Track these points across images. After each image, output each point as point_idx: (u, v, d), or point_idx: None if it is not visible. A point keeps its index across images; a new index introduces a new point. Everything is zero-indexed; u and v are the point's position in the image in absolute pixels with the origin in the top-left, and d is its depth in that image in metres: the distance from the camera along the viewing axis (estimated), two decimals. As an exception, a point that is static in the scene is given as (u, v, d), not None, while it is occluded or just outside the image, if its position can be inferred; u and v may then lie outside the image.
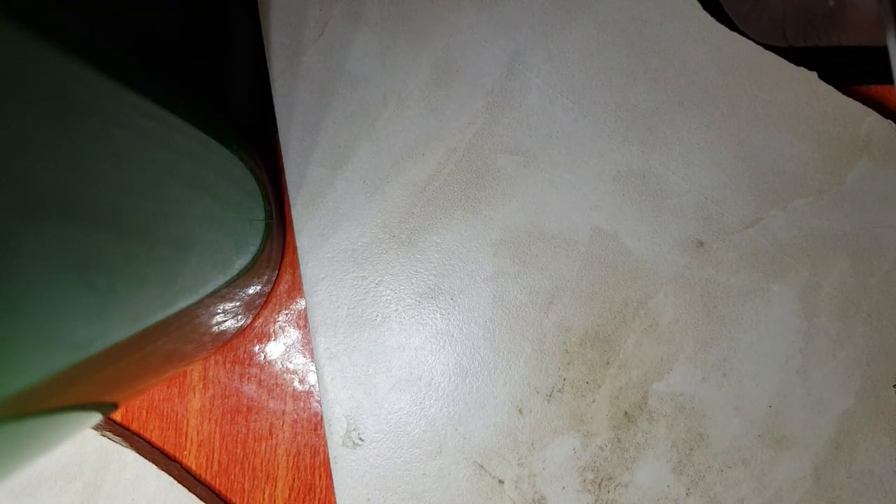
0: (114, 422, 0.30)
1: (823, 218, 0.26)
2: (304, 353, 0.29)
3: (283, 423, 0.29)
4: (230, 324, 0.28)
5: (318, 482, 0.29)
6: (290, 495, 0.29)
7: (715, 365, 0.26)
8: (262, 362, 0.30)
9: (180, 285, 0.22)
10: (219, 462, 0.29)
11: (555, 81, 0.27)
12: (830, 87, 0.26)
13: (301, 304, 0.29)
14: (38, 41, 0.16)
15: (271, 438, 0.29)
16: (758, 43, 0.26)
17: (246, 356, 0.30)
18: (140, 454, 0.29)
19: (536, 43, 0.27)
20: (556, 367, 0.27)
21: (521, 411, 0.27)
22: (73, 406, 0.20)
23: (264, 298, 0.29)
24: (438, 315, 0.27)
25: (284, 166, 0.28)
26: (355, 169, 0.27)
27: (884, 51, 0.21)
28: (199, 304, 0.23)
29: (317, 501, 0.29)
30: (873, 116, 0.26)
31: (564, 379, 0.27)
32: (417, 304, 0.27)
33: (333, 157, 0.28)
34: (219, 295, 0.24)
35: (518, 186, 0.27)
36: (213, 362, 0.30)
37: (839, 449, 0.25)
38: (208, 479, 0.29)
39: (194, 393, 0.30)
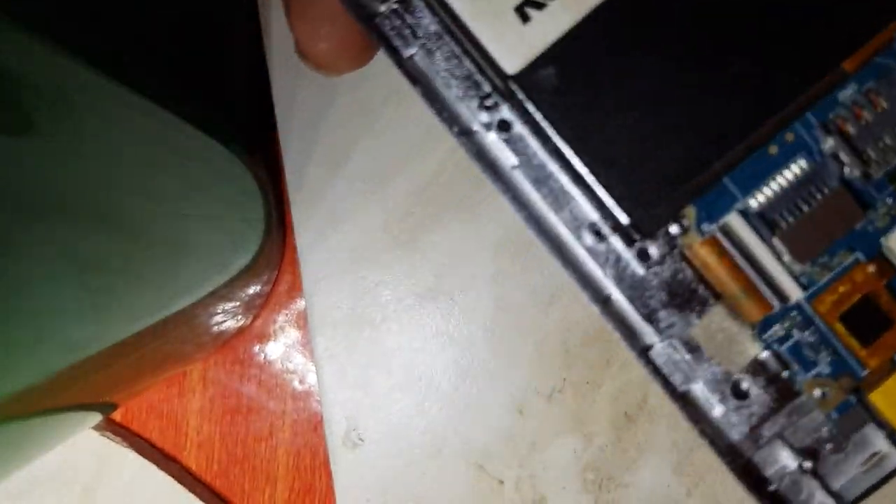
0: (113, 422, 0.30)
1: None
2: (303, 354, 0.29)
3: (283, 423, 0.29)
4: (230, 324, 0.28)
5: (317, 483, 0.29)
6: (289, 496, 0.29)
7: (716, 365, 0.26)
8: (262, 362, 0.30)
9: (179, 285, 0.22)
10: (218, 462, 0.29)
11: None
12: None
13: (301, 304, 0.29)
14: (32, 38, 0.16)
15: (271, 439, 0.29)
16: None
17: (246, 356, 0.30)
18: (140, 454, 0.29)
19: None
20: (557, 367, 0.27)
21: (521, 412, 0.27)
22: (72, 406, 0.20)
23: (264, 298, 0.29)
24: (438, 315, 0.27)
25: (284, 166, 0.28)
26: (355, 169, 0.27)
27: None
28: (198, 305, 0.23)
29: (316, 502, 0.29)
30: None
31: (565, 379, 0.26)
32: (417, 304, 0.27)
33: (333, 157, 0.28)
34: (218, 295, 0.24)
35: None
36: (212, 363, 0.30)
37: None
38: (208, 479, 0.29)
39: (194, 393, 0.30)
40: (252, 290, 0.28)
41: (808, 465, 0.20)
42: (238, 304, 0.27)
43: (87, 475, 0.29)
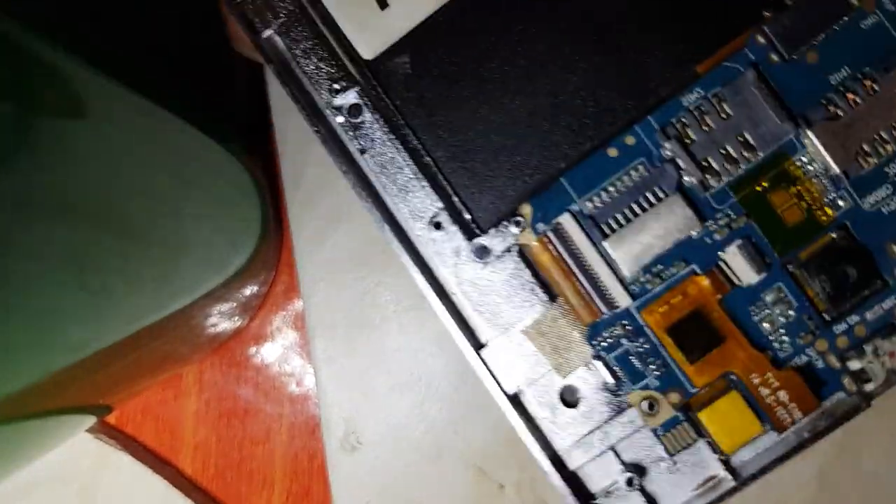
0: (108, 425, 0.30)
1: None
2: (301, 356, 0.29)
3: (280, 426, 0.29)
4: (226, 325, 0.28)
5: (315, 486, 0.28)
6: (287, 499, 0.29)
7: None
8: (259, 365, 0.29)
9: (176, 286, 0.21)
10: (215, 466, 0.29)
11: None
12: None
13: (298, 305, 0.29)
14: (32, 38, 0.16)
15: (268, 442, 0.29)
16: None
17: (242, 358, 0.29)
18: (135, 458, 0.29)
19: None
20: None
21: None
22: (67, 409, 0.20)
23: (261, 299, 0.29)
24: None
25: (281, 165, 0.28)
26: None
27: None
28: (194, 305, 0.23)
29: (314, 506, 0.29)
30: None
31: (566, 381, 0.26)
32: (417, 305, 0.27)
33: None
34: (215, 296, 0.24)
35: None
36: (209, 365, 0.29)
37: (844, 452, 0.25)
38: (204, 483, 0.29)
39: (190, 396, 0.29)
40: (249, 290, 0.27)
41: (637, 481, 0.19)
42: (235, 304, 0.27)
43: (82, 479, 0.29)
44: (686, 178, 0.19)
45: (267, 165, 0.28)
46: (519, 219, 0.20)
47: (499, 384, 0.20)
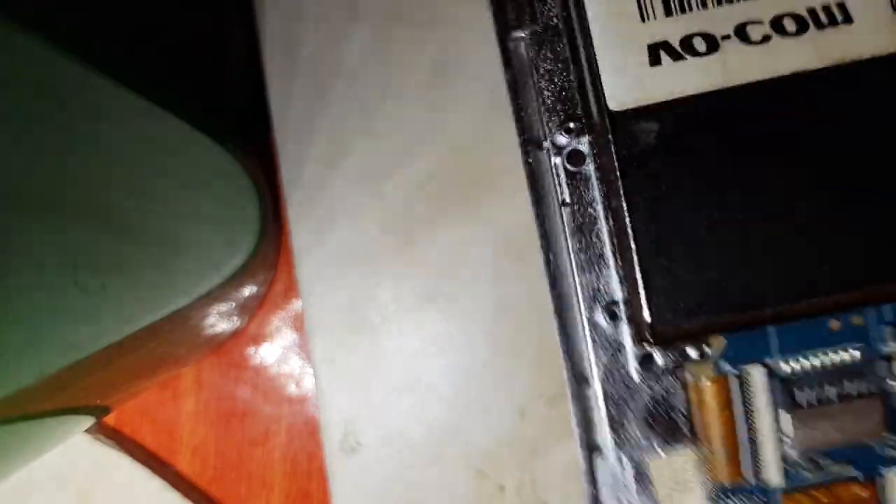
0: (106, 426, 0.29)
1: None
2: (300, 356, 0.29)
3: (279, 427, 0.29)
4: (224, 326, 0.27)
5: (314, 488, 0.28)
6: (286, 501, 0.28)
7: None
8: (258, 365, 0.29)
9: (173, 286, 0.21)
10: (213, 468, 0.29)
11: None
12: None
13: (297, 305, 0.29)
14: (23, 34, 0.16)
15: (267, 443, 0.29)
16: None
17: (241, 359, 0.29)
18: (133, 459, 0.29)
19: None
20: (559, 369, 0.26)
21: (522, 415, 0.26)
22: (65, 410, 0.20)
23: (259, 300, 0.29)
24: (438, 317, 0.27)
25: (280, 164, 0.28)
26: (353, 167, 0.27)
27: None
28: (192, 306, 0.22)
29: (313, 508, 0.28)
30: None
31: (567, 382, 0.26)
32: (417, 305, 0.27)
33: (330, 155, 0.27)
34: (213, 296, 0.24)
35: (520, 184, 0.26)
36: (207, 365, 0.29)
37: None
38: (203, 484, 0.29)
39: (188, 397, 0.29)
40: (248, 290, 0.27)
41: None
42: (233, 305, 0.27)
43: (80, 481, 0.29)
44: (891, 383, 0.18)
45: (266, 165, 0.28)
46: (704, 347, 0.18)
47: (596, 496, 0.19)
